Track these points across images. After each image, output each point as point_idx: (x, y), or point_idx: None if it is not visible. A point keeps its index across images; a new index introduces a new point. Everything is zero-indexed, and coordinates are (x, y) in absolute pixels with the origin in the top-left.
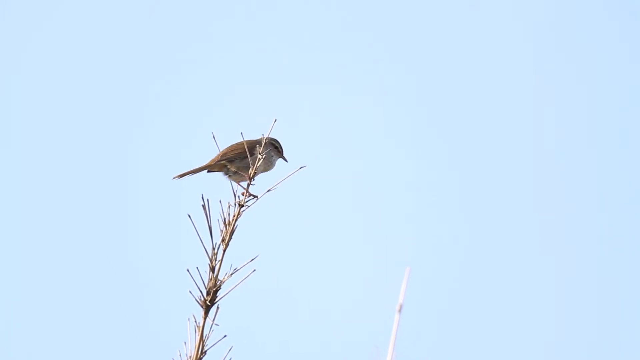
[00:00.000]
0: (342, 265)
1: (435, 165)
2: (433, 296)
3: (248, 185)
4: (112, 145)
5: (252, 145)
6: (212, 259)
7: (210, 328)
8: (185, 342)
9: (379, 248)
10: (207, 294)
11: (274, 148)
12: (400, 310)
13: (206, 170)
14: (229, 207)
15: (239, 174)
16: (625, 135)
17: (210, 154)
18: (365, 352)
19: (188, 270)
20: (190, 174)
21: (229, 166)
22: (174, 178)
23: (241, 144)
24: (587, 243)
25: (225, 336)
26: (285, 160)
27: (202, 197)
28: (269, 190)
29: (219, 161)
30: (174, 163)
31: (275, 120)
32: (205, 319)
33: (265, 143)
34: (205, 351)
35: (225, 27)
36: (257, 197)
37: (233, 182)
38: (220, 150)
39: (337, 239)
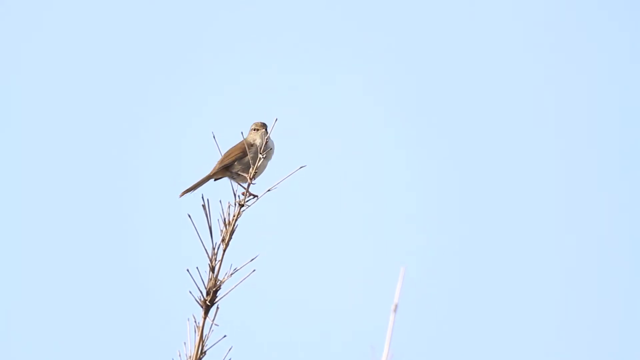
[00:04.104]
0: (339, 265)
1: (434, 165)
2: (428, 296)
3: (248, 185)
4: (111, 145)
5: (248, 143)
6: (212, 259)
7: (210, 328)
8: (185, 342)
9: (376, 248)
10: (207, 294)
11: (265, 131)
12: (395, 310)
13: (213, 180)
14: (229, 207)
15: (241, 175)
16: (625, 135)
17: (211, 153)
18: (361, 352)
19: (188, 270)
20: (196, 188)
21: (231, 170)
22: (181, 195)
23: (236, 147)
24: (586, 243)
25: (225, 336)
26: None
27: (202, 197)
28: (269, 190)
29: (218, 170)
30: (174, 162)
31: (276, 119)
32: (205, 319)
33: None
34: (205, 351)
35: (222, 25)
36: (257, 196)
37: (234, 182)
38: (220, 156)
39: (336, 238)
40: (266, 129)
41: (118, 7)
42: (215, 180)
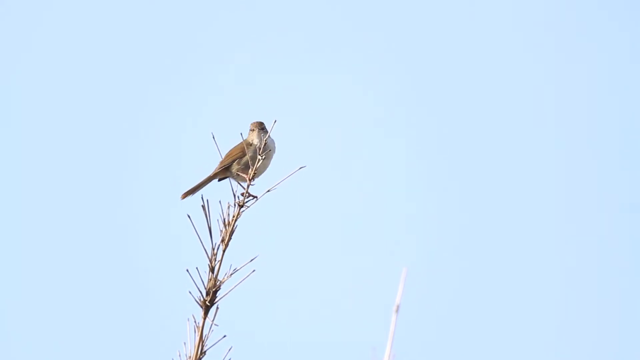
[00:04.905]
0: (340, 266)
1: (435, 166)
2: (430, 296)
3: (248, 186)
4: (110, 145)
5: (247, 143)
6: (212, 259)
7: (210, 328)
8: (184, 343)
9: (377, 248)
10: (207, 294)
11: (265, 132)
12: (397, 311)
13: (217, 180)
14: (228, 207)
15: (241, 175)
16: (625, 135)
17: (211, 154)
18: (363, 353)
19: (188, 271)
20: (198, 190)
21: (230, 170)
22: (183, 197)
23: (235, 147)
24: (586, 243)
25: (224, 336)
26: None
27: (202, 198)
28: (268, 191)
29: (219, 170)
30: (174, 162)
31: (275, 120)
32: (204, 319)
33: (262, 138)
34: (205, 351)
35: (222, 25)
36: (256, 197)
37: (233, 182)
38: (221, 157)
39: (336, 239)
40: (262, 129)
41: (118, 8)
42: (219, 180)
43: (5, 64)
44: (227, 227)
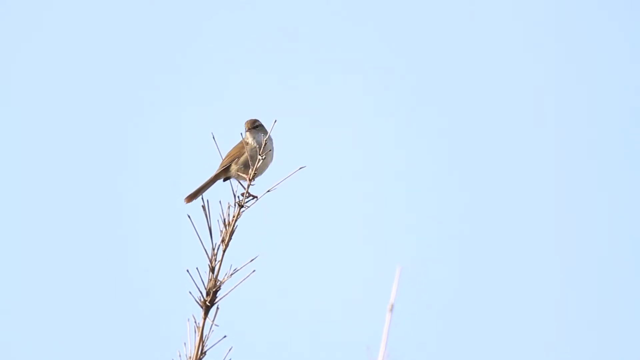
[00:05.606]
0: (337, 265)
1: (434, 166)
2: (425, 296)
3: (248, 186)
4: (110, 145)
5: (244, 142)
6: (212, 259)
7: (210, 328)
8: (185, 343)
9: (373, 248)
10: (207, 294)
11: (258, 130)
12: (391, 310)
13: (222, 180)
14: (228, 207)
15: (242, 175)
16: (625, 135)
17: (211, 154)
18: (357, 352)
19: (188, 271)
20: (201, 192)
21: (231, 170)
22: (188, 201)
23: (234, 147)
24: (586, 243)
25: (225, 336)
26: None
27: (202, 198)
28: (268, 191)
29: (220, 171)
30: (174, 163)
31: (275, 121)
32: (205, 319)
33: (261, 136)
34: (205, 351)
35: (221, 25)
36: (256, 197)
37: (235, 182)
38: (222, 157)
39: (334, 239)
40: (255, 127)
41: (117, 8)
42: (224, 180)
43: (5, 64)
44: (227, 227)
